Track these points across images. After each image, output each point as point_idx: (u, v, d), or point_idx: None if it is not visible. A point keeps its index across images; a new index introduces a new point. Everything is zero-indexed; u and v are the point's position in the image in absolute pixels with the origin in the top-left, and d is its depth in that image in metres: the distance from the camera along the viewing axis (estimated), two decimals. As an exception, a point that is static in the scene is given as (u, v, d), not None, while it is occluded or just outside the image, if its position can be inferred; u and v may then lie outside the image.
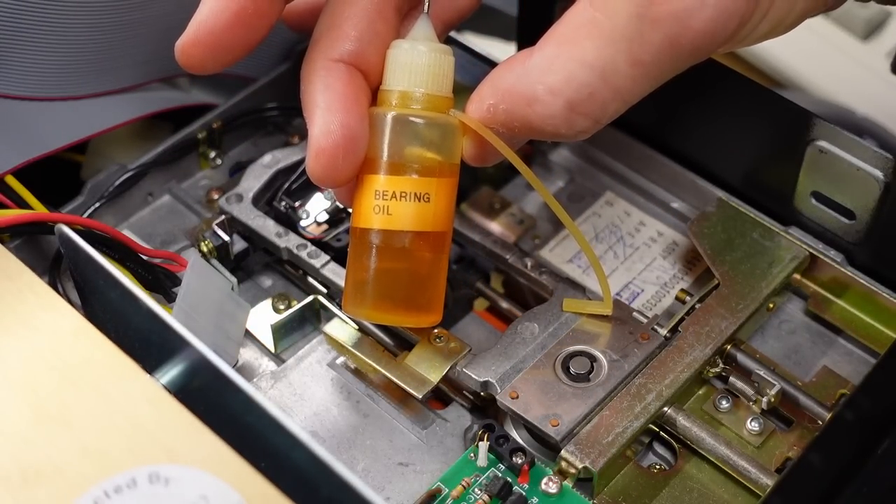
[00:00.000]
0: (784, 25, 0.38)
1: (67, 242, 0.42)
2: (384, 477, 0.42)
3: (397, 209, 0.39)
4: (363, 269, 0.40)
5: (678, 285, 0.48)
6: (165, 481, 0.33)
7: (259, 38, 0.40)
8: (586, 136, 0.38)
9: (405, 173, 0.39)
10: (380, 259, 0.40)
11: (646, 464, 0.43)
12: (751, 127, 0.47)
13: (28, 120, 0.47)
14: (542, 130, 0.37)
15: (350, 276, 0.41)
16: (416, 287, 0.41)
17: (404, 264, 0.40)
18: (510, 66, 0.38)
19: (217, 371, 0.36)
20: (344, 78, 0.39)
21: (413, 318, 0.41)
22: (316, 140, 0.38)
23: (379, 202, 0.39)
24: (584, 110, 0.37)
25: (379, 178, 0.39)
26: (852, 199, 0.45)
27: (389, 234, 0.39)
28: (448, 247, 0.41)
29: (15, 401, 0.35)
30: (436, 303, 0.41)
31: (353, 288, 0.41)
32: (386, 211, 0.39)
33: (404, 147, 0.39)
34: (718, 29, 0.36)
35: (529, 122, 0.37)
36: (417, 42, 0.39)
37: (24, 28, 0.46)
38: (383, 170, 0.39)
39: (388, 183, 0.39)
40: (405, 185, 0.39)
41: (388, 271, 0.40)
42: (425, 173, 0.39)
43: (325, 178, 0.39)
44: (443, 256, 0.41)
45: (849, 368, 0.45)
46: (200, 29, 0.39)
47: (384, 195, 0.39)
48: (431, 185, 0.39)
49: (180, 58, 0.39)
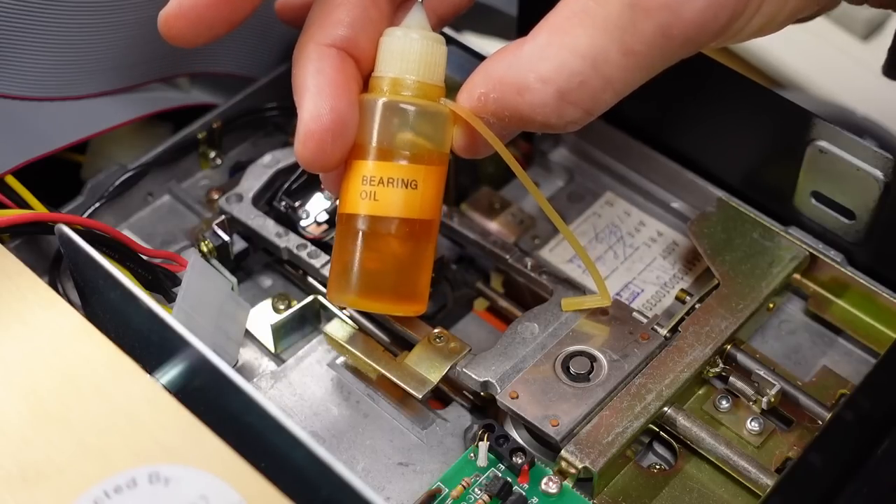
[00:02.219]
0: (776, 22, 0.38)
1: (67, 242, 0.42)
2: (384, 477, 0.42)
3: (384, 195, 0.39)
4: (348, 256, 0.40)
5: (678, 285, 0.48)
6: (165, 481, 0.33)
7: (242, 16, 0.40)
8: (577, 127, 0.38)
9: (393, 159, 0.39)
10: (365, 245, 0.40)
11: (646, 464, 0.43)
12: (751, 127, 0.47)
13: (28, 120, 0.47)
14: (532, 120, 0.37)
15: (335, 263, 0.41)
16: (402, 275, 0.40)
17: (390, 251, 0.40)
18: (502, 56, 0.37)
19: (217, 371, 0.36)
20: (335, 63, 0.39)
21: (397, 306, 0.41)
22: (305, 124, 0.38)
23: (366, 188, 0.39)
24: (574, 99, 0.36)
25: (367, 164, 0.39)
26: (852, 199, 0.45)
27: (375, 219, 0.39)
28: (435, 236, 0.41)
29: (15, 401, 0.35)
30: (420, 292, 0.41)
31: (337, 275, 0.41)
32: (373, 196, 0.39)
33: (393, 133, 0.39)
34: (710, 20, 0.36)
35: (520, 111, 0.37)
36: (410, 30, 0.39)
37: (24, 28, 0.46)
38: (372, 155, 0.39)
39: (375, 168, 0.39)
40: (393, 171, 0.39)
41: (374, 258, 0.40)
42: (413, 160, 0.39)
43: (314, 162, 0.39)
44: (429, 245, 0.41)
45: (849, 368, 0.45)
46: (184, 3, 0.39)
47: (371, 181, 0.39)
48: (419, 172, 0.39)
49: (162, 28, 0.39)
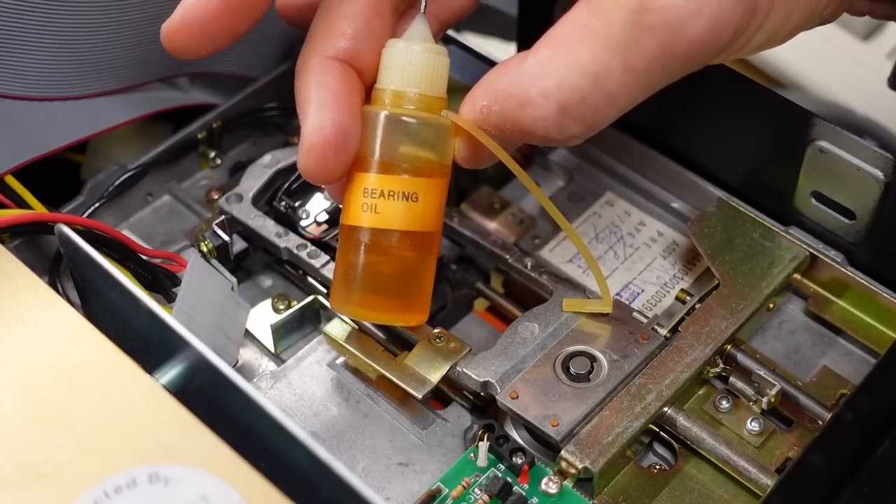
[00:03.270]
0: (779, 38, 0.38)
1: (67, 242, 0.42)
2: (384, 477, 0.42)
3: (385, 208, 0.39)
4: (350, 266, 0.40)
5: (678, 285, 0.48)
6: (165, 481, 0.33)
7: (245, 28, 0.40)
8: (577, 142, 0.38)
9: (394, 172, 0.39)
10: (367, 256, 0.40)
11: (646, 464, 0.43)
12: (751, 127, 0.47)
13: (28, 120, 0.47)
14: (533, 134, 0.37)
15: (338, 272, 0.41)
16: (403, 286, 0.41)
17: (391, 262, 0.40)
18: (505, 69, 0.38)
19: (217, 371, 0.36)
20: (338, 76, 0.39)
21: (399, 316, 0.42)
22: (308, 137, 0.38)
23: (367, 200, 0.39)
24: (575, 115, 0.37)
25: (369, 177, 0.39)
26: (852, 199, 0.45)
27: (377, 232, 0.39)
28: (437, 247, 0.41)
29: (15, 401, 0.35)
30: (422, 302, 0.41)
31: (339, 284, 0.41)
32: (374, 209, 0.39)
33: (395, 146, 0.39)
34: (713, 39, 0.36)
35: (521, 124, 0.37)
36: (413, 42, 0.39)
37: (24, 28, 0.46)
38: (373, 168, 0.39)
39: (377, 181, 0.39)
40: (394, 184, 0.39)
41: (375, 269, 0.40)
42: (415, 173, 0.39)
43: (316, 174, 0.39)
44: (430, 256, 0.41)
45: (849, 368, 0.45)
46: (187, 16, 0.39)
47: (373, 193, 0.39)
48: (420, 185, 0.39)
49: (164, 40, 0.39)
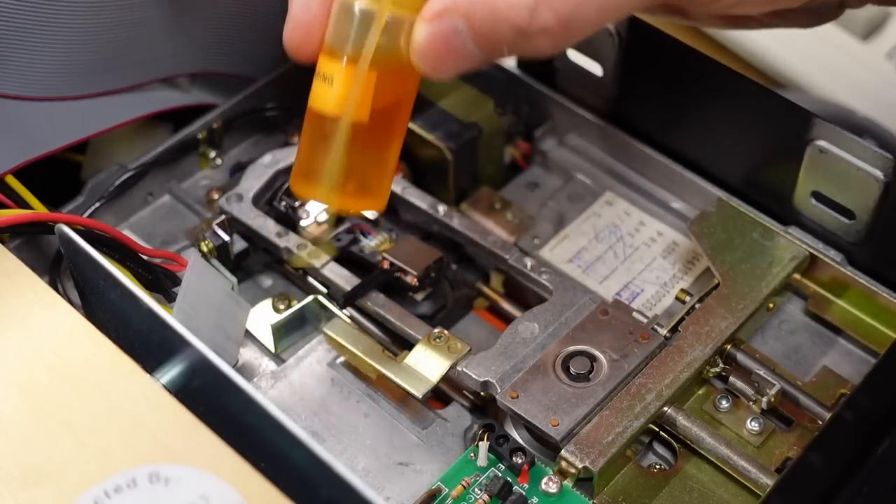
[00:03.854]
0: None
1: (67, 242, 0.42)
2: (384, 477, 0.42)
3: (315, 88, 0.40)
4: (301, 147, 0.41)
5: (678, 285, 0.48)
6: (165, 481, 0.33)
7: None
8: (546, 46, 0.37)
9: (325, 53, 0.40)
10: (308, 135, 0.40)
11: (646, 464, 0.43)
12: (751, 127, 0.47)
13: (28, 120, 0.47)
14: (505, 18, 0.36)
15: (297, 154, 0.42)
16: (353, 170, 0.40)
17: (327, 144, 0.40)
18: None
19: (217, 371, 0.36)
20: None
21: (345, 199, 0.41)
22: (294, 12, 0.39)
23: (314, 81, 0.40)
24: (553, 2, 0.36)
25: (320, 58, 0.40)
26: (852, 198, 0.45)
27: (310, 112, 0.40)
28: (385, 140, 0.41)
29: (15, 401, 0.35)
30: (374, 189, 0.41)
31: (295, 164, 0.41)
32: (314, 90, 0.40)
33: (334, 28, 0.39)
34: None
35: (494, 7, 0.36)
36: None
37: (24, 28, 0.46)
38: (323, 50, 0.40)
39: (319, 62, 0.40)
40: (321, 65, 0.40)
41: (314, 148, 0.40)
42: (335, 56, 0.39)
43: (299, 49, 0.40)
44: (381, 145, 0.41)
45: (849, 368, 0.45)
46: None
47: (317, 75, 0.40)
48: (336, 68, 0.39)
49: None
